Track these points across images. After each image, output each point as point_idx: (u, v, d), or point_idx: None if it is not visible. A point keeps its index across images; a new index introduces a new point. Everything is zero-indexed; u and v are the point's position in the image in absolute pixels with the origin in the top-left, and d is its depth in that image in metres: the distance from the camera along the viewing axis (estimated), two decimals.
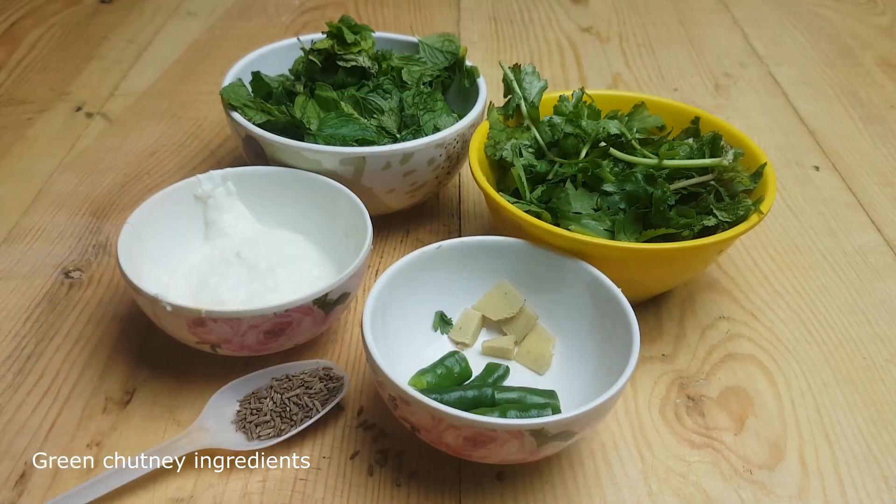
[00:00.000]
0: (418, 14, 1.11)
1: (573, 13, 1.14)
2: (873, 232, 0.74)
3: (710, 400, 0.57)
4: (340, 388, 0.54)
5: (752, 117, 0.90)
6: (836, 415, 0.56)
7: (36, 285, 0.64)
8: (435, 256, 0.58)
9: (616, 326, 0.53)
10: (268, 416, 0.52)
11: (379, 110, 0.67)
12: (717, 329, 0.63)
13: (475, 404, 0.52)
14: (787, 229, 0.74)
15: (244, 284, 0.58)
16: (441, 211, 0.75)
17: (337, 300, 0.54)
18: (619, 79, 0.98)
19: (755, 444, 0.54)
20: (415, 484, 0.51)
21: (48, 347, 0.59)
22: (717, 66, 1.01)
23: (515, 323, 0.59)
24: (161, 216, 0.60)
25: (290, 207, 0.64)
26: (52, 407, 0.55)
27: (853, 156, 0.84)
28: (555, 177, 0.62)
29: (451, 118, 0.68)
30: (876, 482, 0.52)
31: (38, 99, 0.89)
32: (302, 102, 0.66)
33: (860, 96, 0.95)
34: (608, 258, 0.56)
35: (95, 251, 0.68)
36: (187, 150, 0.82)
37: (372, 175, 0.63)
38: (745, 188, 0.60)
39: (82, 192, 0.75)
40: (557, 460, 0.53)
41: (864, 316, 0.65)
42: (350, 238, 0.60)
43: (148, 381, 0.57)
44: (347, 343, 0.61)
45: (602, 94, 0.70)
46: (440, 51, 0.73)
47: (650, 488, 0.51)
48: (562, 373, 0.57)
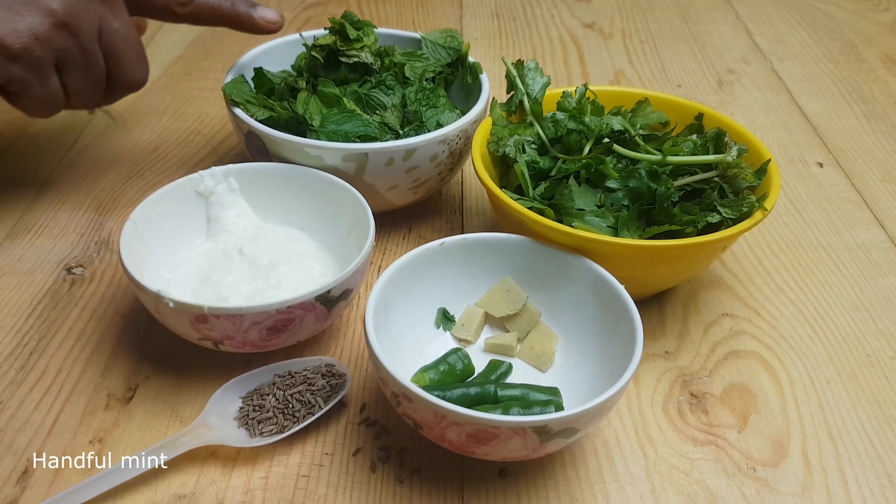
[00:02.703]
0: (421, 10, 1.10)
1: (576, 9, 1.13)
2: (877, 228, 0.73)
3: (713, 397, 0.57)
4: (343, 385, 0.54)
5: (755, 114, 0.90)
6: (839, 412, 0.56)
7: (38, 282, 0.64)
8: (437, 253, 0.57)
9: (619, 323, 0.53)
10: (270, 412, 0.52)
11: (382, 106, 0.67)
12: (720, 326, 0.63)
13: (478, 401, 0.52)
14: (791, 226, 0.74)
15: (246, 281, 0.58)
16: (444, 207, 0.75)
17: (339, 297, 0.54)
18: (621, 75, 0.97)
19: (758, 442, 0.54)
20: (417, 481, 0.51)
21: (50, 344, 0.59)
22: (720, 62, 1.01)
23: (518, 320, 0.59)
24: (163, 212, 0.60)
25: (292, 204, 0.64)
26: (55, 403, 0.55)
27: (857, 152, 0.84)
28: (558, 173, 0.62)
29: (453, 114, 0.68)
30: (879, 479, 0.52)
31: None
32: (304, 98, 0.66)
33: (864, 93, 0.94)
34: (611, 255, 0.55)
35: (98, 247, 0.68)
36: (189, 146, 0.82)
37: (374, 171, 0.63)
38: (748, 185, 0.60)
39: (84, 188, 0.75)
40: (560, 457, 0.53)
41: (867, 313, 0.64)
42: (352, 234, 0.60)
43: (150, 377, 0.57)
44: (350, 340, 0.61)
45: (605, 91, 0.69)
46: (443, 47, 0.73)
47: (653, 485, 0.51)
48: (565, 370, 0.57)
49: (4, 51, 0.57)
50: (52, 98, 0.62)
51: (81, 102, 0.64)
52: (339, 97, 0.66)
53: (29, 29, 0.57)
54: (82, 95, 0.63)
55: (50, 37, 0.58)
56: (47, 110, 0.63)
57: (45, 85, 0.60)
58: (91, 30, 0.61)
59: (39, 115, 0.63)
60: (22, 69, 0.58)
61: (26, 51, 0.58)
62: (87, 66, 0.62)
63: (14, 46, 0.57)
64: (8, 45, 0.57)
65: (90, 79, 0.63)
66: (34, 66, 0.59)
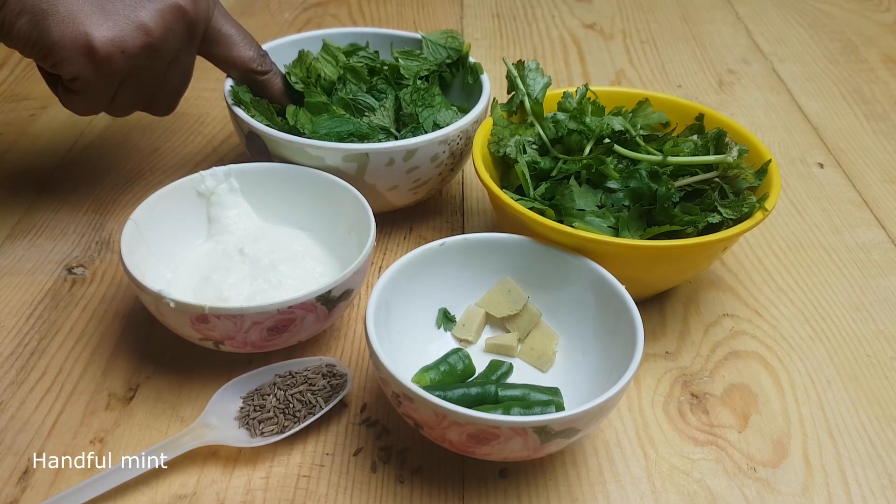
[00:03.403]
0: (421, 10, 1.11)
1: (577, 10, 1.13)
2: (877, 229, 0.73)
3: (713, 397, 0.57)
4: (343, 385, 0.54)
5: (755, 114, 0.90)
6: (839, 412, 0.56)
7: (39, 282, 0.64)
8: (438, 253, 0.57)
9: (620, 323, 0.53)
10: (271, 412, 0.52)
11: (370, 108, 0.67)
12: (720, 326, 0.63)
13: (478, 401, 0.52)
14: (791, 226, 0.74)
15: (247, 281, 0.58)
16: (444, 208, 0.75)
17: (340, 297, 0.54)
18: (622, 75, 0.97)
19: (759, 442, 0.54)
20: (418, 481, 0.51)
21: (51, 344, 0.59)
22: (721, 62, 1.01)
23: (519, 320, 0.59)
24: (164, 213, 0.60)
25: (293, 204, 0.64)
26: (56, 403, 0.55)
27: (857, 153, 0.84)
28: (558, 173, 0.62)
29: (450, 112, 0.68)
30: (880, 479, 0.52)
31: (40, 95, 0.89)
32: (293, 112, 0.66)
33: (864, 93, 0.94)
34: (612, 255, 0.56)
35: (98, 248, 0.68)
36: (190, 146, 0.82)
37: (375, 172, 0.63)
38: (749, 185, 0.60)
39: (85, 188, 0.75)
40: (561, 457, 0.53)
41: (867, 313, 0.64)
42: (353, 235, 0.60)
43: (151, 377, 0.57)
44: (350, 340, 0.61)
45: (606, 91, 0.69)
46: (444, 47, 0.73)
47: (653, 485, 0.51)
48: (565, 370, 0.57)
49: (90, 52, 0.56)
50: (101, 105, 0.61)
51: (118, 113, 0.63)
52: (326, 104, 0.66)
53: (119, 39, 0.56)
54: (124, 108, 0.63)
55: (135, 54, 0.57)
56: (89, 112, 0.62)
57: (105, 93, 0.60)
58: (169, 58, 0.61)
59: (79, 113, 0.62)
60: (95, 74, 0.57)
61: (109, 59, 0.56)
62: (146, 88, 0.62)
63: (100, 51, 0.56)
64: (95, 48, 0.56)
65: (140, 97, 0.62)
66: (107, 76, 0.58)
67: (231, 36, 0.66)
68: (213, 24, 0.64)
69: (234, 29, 0.66)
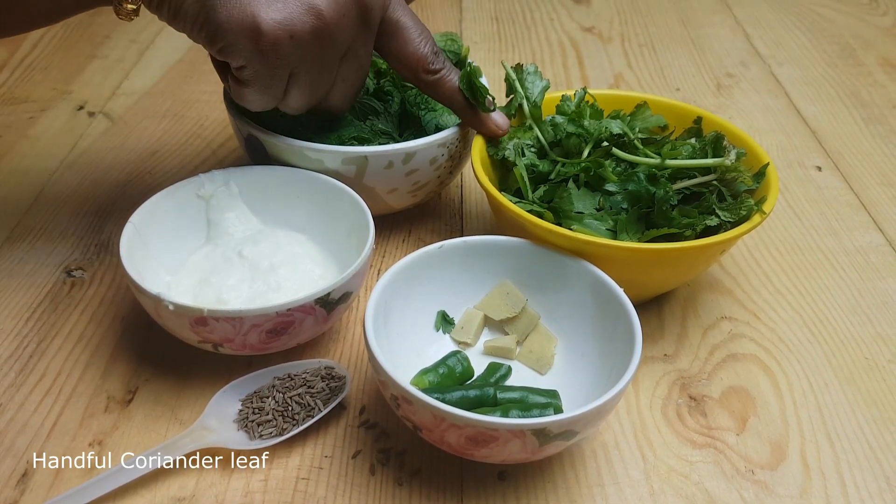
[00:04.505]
0: (421, 13, 1.11)
1: (575, 13, 1.14)
2: (875, 232, 0.74)
3: (711, 400, 0.57)
4: (342, 388, 0.54)
5: (753, 117, 0.90)
6: (837, 415, 0.56)
7: (38, 284, 0.64)
8: (437, 256, 0.58)
9: (618, 326, 0.53)
10: (270, 415, 0.52)
11: (374, 112, 0.67)
12: (719, 329, 0.63)
13: (477, 404, 0.52)
14: (789, 229, 0.74)
15: (246, 283, 0.58)
16: (443, 210, 0.75)
17: (339, 299, 0.54)
18: (620, 78, 0.98)
19: (757, 444, 0.54)
20: (417, 483, 0.51)
21: (50, 346, 0.59)
22: (719, 66, 1.01)
23: (517, 323, 0.59)
24: (163, 215, 0.60)
25: (292, 207, 0.64)
26: (54, 406, 0.55)
27: (855, 156, 0.84)
28: (557, 176, 0.62)
29: (452, 116, 0.68)
30: (878, 482, 0.52)
31: (40, 98, 0.89)
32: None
33: (862, 96, 0.95)
34: (610, 258, 0.56)
35: (97, 250, 0.68)
36: (189, 149, 0.82)
37: (374, 174, 0.63)
38: (747, 188, 0.60)
39: (84, 190, 0.75)
40: (559, 460, 0.53)
41: (865, 316, 0.65)
42: (352, 237, 0.60)
43: (150, 380, 0.57)
44: (349, 342, 0.61)
45: (604, 94, 0.70)
46: (443, 50, 0.73)
47: (652, 488, 0.51)
48: (564, 373, 0.57)
49: (255, 36, 0.52)
50: (273, 99, 0.57)
51: (291, 109, 0.59)
52: None
53: (288, 22, 0.52)
54: (296, 103, 0.58)
55: (305, 40, 0.53)
56: (261, 106, 0.58)
57: (275, 84, 0.56)
58: (342, 47, 0.56)
59: (250, 108, 0.58)
60: (262, 61, 0.53)
61: (276, 44, 0.52)
62: (319, 80, 0.57)
63: (267, 35, 0.52)
64: (262, 31, 0.52)
65: (313, 91, 0.58)
66: (276, 64, 0.54)
67: (409, 29, 0.60)
68: (391, 13, 0.59)
69: (411, 21, 0.60)
